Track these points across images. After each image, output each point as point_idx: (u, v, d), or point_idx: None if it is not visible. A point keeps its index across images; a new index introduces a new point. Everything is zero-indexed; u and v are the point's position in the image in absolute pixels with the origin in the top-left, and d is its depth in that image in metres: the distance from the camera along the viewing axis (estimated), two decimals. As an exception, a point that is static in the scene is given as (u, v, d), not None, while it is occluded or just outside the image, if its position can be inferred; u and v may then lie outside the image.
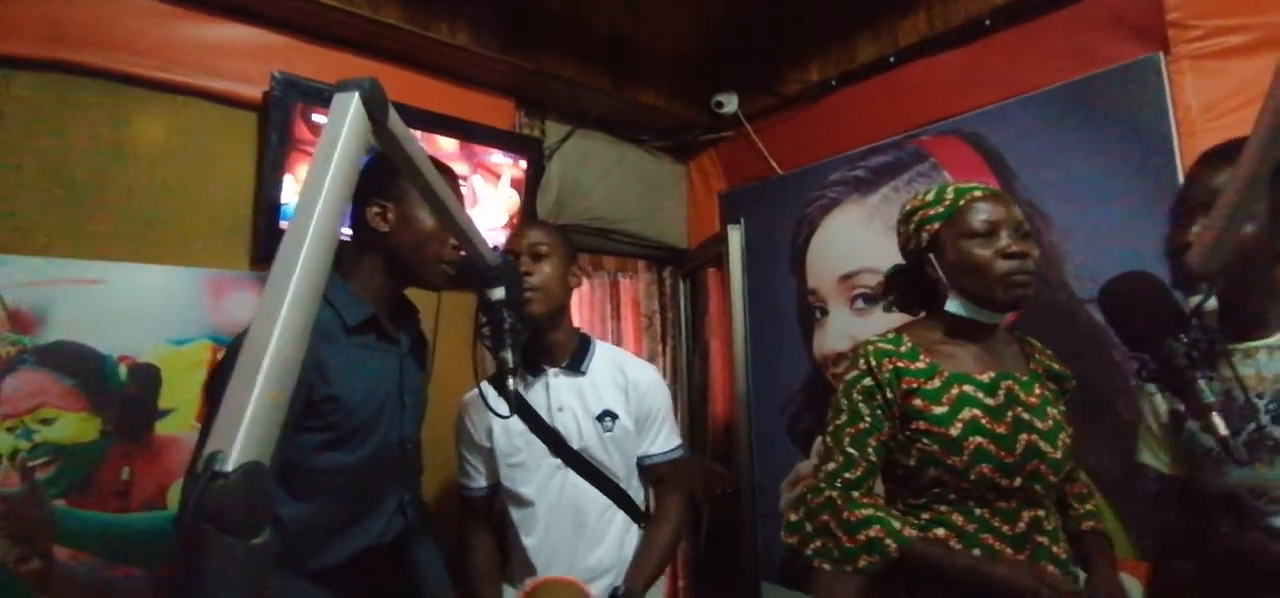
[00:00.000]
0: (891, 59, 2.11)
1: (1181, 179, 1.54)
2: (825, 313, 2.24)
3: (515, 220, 2.18)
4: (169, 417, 1.45)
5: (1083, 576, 1.12)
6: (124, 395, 1.42)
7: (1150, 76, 1.61)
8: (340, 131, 0.60)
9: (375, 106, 0.64)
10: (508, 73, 2.13)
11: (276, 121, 1.69)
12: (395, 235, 1.17)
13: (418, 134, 1.96)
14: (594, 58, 2.28)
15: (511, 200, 2.19)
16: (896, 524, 1.05)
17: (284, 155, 1.71)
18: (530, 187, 2.23)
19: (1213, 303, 0.83)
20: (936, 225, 1.14)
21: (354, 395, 1.10)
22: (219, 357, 1.53)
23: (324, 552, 1.09)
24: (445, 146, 2.04)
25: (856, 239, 2.17)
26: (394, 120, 0.69)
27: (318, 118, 1.76)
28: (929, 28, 2.01)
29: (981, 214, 1.09)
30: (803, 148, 2.38)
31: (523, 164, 2.20)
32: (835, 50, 2.27)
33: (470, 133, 2.08)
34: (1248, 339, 1.00)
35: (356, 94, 0.62)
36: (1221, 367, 0.93)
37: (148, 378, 1.43)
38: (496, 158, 2.15)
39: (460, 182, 2.04)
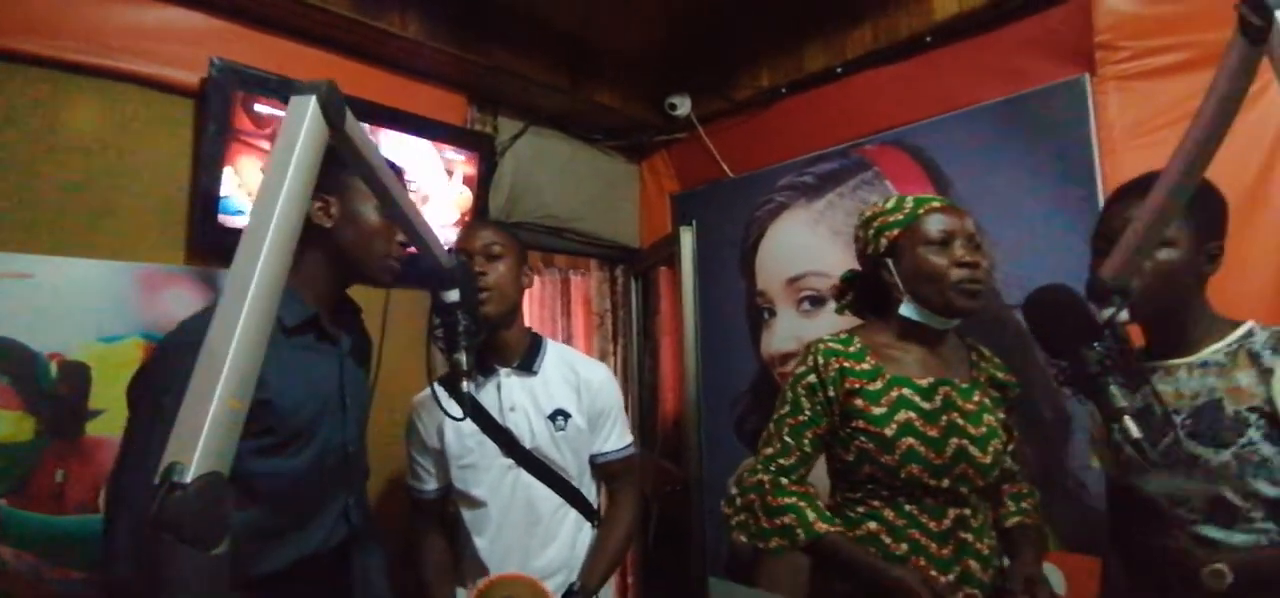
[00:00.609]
0: (839, 70, 2.19)
1: (1102, 195, 1.65)
2: (773, 314, 2.31)
3: (467, 217, 2.16)
4: (100, 417, 1.39)
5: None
6: (55, 394, 1.36)
7: (1076, 96, 1.70)
8: (297, 136, 0.59)
9: (333, 110, 0.64)
10: (460, 67, 2.10)
11: (215, 110, 1.62)
12: (339, 231, 1.14)
13: (365, 127, 1.94)
14: (548, 55, 2.27)
15: (463, 197, 2.17)
16: (810, 517, 1.13)
17: (223, 146, 1.65)
18: (482, 183, 2.21)
19: (1124, 315, 0.90)
20: (896, 232, 1.19)
21: (292, 400, 1.06)
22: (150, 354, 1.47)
23: (264, 560, 1.06)
24: (394, 141, 2.01)
25: (803, 243, 2.24)
26: (351, 123, 0.68)
27: (260, 108, 1.70)
28: (874, 41, 2.09)
29: (938, 224, 1.15)
30: (753, 152, 2.44)
31: (473, 160, 2.18)
32: (786, 58, 2.33)
33: (421, 127, 2.05)
34: (1171, 357, 1.06)
35: (314, 98, 0.62)
36: (1134, 377, 1.00)
37: (78, 377, 1.37)
38: (448, 154, 2.13)
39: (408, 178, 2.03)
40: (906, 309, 1.18)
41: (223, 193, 1.66)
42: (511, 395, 1.42)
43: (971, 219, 1.19)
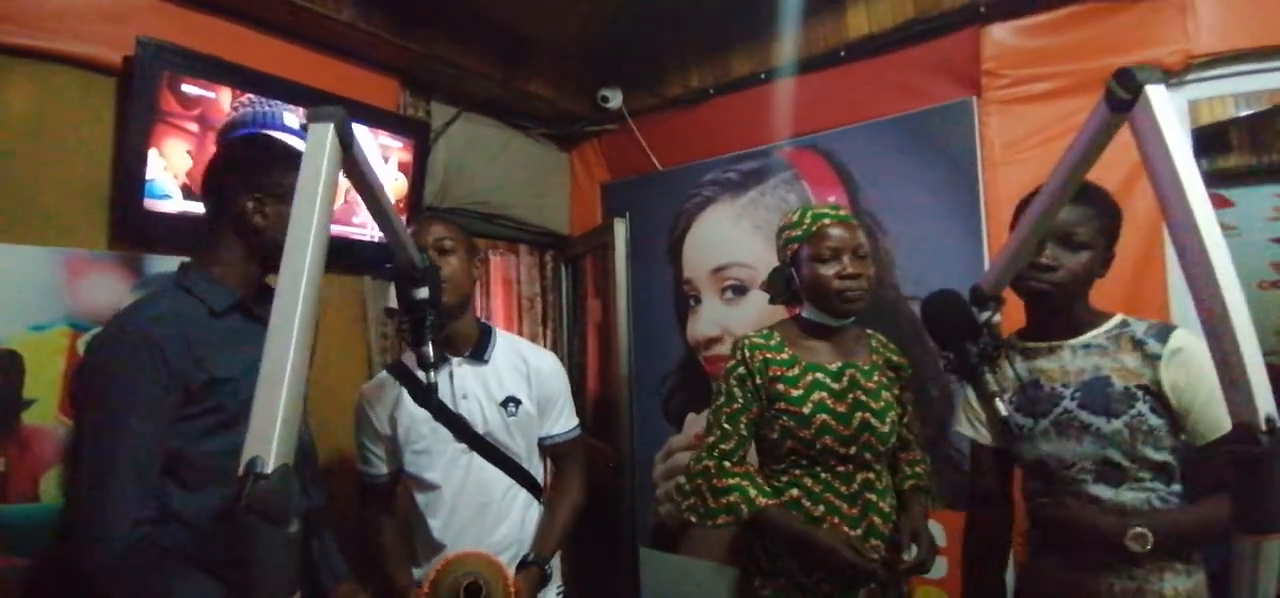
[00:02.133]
0: (763, 76, 2.36)
1: (984, 202, 1.91)
2: (698, 301, 2.47)
3: (402, 203, 2.17)
4: (33, 407, 1.35)
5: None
6: (-7, 384, 1.32)
7: (964, 116, 1.95)
8: (321, 162, 0.66)
9: (345, 135, 0.71)
10: (393, 52, 2.11)
11: (140, 90, 1.57)
12: (269, 231, 1.18)
13: (299, 110, 1.90)
14: (482, 43, 2.31)
15: (398, 183, 2.18)
16: (752, 493, 1.30)
17: (149, 128, 1.60)
18: (418, 169, 2.22)
19: (998, 317, 1.10)
20: (796, 246, 1.38)
21: (233, 372, 1.12)
22: (79, 344, 1.43)
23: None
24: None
25: (727, 236, 2.41)
26: (357, 146, 0.75)
27: (187, 88, 1.65)
28: (794, 51, 2.27)
29: (828, 241, 1.33)
30: (681, 147, 2.58)
31: (408, 146, 2.18)
32: (714, 61, 2.48)
33: (358, 113, 2.04)
34: (1051, 340, 1.22)
35: (331, 126, 0.68)
36: (1003, 365, 1.18)
37: (12, 366, 1.32)
38: (384, 140, 2.13)
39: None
40: (806, 311, 1.40)
41: (149, 176, 1.61)
42: (464, 384, 1.49)
43: (861, 231, 1.37)
